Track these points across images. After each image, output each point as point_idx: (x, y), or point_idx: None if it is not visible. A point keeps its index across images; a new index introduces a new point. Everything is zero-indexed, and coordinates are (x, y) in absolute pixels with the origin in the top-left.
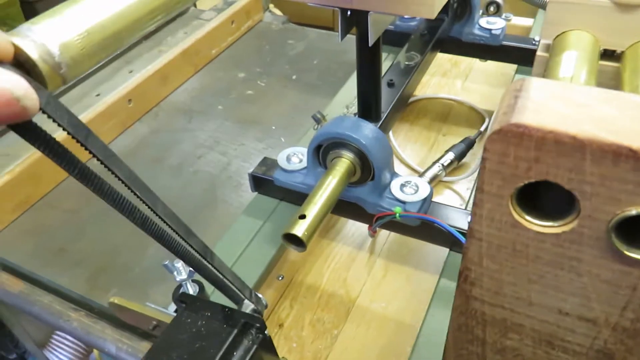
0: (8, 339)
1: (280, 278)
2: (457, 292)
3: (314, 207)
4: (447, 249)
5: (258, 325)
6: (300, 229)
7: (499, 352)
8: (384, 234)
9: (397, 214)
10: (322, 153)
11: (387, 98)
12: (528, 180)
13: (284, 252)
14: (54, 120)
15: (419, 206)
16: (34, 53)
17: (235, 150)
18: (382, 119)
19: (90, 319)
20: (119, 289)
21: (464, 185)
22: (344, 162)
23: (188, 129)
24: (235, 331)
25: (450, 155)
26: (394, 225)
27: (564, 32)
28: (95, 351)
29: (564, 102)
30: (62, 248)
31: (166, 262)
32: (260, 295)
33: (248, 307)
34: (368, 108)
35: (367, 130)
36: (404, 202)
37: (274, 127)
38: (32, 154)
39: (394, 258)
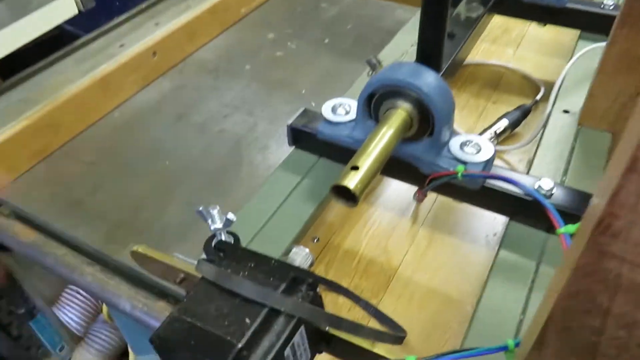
0: (18, 293)
1: (315, 240)
2: (586, 246)
3: (367, 159)
4: (504, 219)
5: (310, 280)
6: (352, 181)
7: (624, 327)
8: (427, 201)
9: (459, 174)
10: (375, 103)
11: (446, 50)
12: None
13: (321, 212)
14: None
15: (481, 168)
16: None
17: (262, 112)
18: (442, 72)
19: (106, 274)
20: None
21: (516, 156)
22: (400, 114)
23: (214, 87)
24: (284, 285)
25: (504, 122)
26: (447, 188)
27: None
28: (104, 311)
29: None
30: (79, 200)
31: (200, 209)
32: (306, 250)
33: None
34: (427, 58)
35: (430, 78)
36: (464, 163)
37: (303, 91)
38: (51, 100)
39: (439, 227)
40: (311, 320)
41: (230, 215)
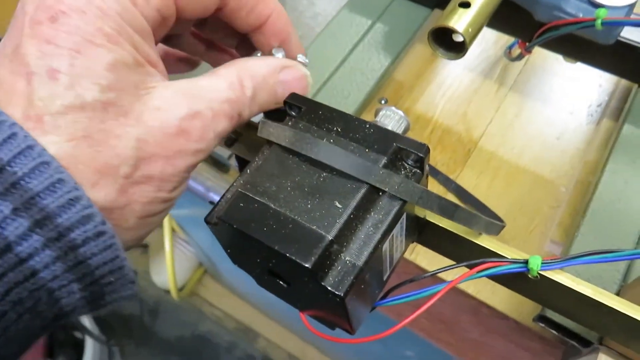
0: None
1: (382, 102)
2: None
3: None
4: (611, 87)
5: (419, 154)
6: (461, 23)
7: None
8: (516, 62)
9: (599, 20)
10: None
11: None
12: None
13: (394, 68)
14: None
15: (623, 14)
16: None
17: None
18: None
19: None
20: None
21: None
22: None
23: None
24: (385, 159)
25: None
26: (561, 43)
27: None
28: None
29: None
30: None
31: (258, 54)
32: (400, 112)
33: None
34: None
35: None
36: (597, 7)
37: None
38: None
39: (531, 93)
40: (422, 205)
41: (301, 58)
